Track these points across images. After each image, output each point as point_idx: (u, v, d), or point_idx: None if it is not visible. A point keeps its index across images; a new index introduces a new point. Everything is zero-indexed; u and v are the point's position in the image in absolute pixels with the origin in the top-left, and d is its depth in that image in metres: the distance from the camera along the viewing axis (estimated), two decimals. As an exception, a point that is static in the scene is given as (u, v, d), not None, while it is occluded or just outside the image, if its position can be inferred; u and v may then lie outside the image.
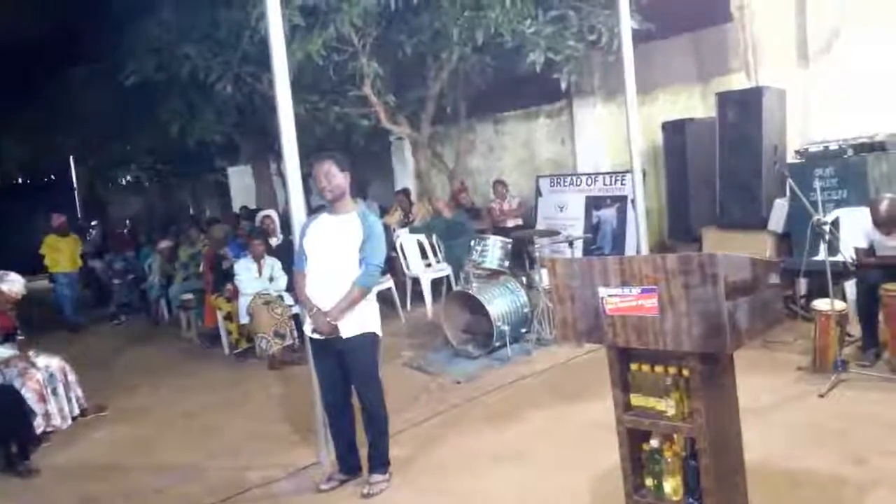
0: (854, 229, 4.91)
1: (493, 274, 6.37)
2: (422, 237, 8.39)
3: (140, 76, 8.27)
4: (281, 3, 4.06)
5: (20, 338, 5.42)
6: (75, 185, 19.95)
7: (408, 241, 8.25)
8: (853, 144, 5.76)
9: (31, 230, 17.44)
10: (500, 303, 5.92)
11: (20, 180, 20.47)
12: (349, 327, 3.63)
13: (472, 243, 6.45)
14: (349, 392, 3.81)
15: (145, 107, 9.68)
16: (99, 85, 10.18)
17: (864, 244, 4.71)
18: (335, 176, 3.67)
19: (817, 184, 4.92)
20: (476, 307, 5.97)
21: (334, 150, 3.99)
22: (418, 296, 7.98)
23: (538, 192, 9.55)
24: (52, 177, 20.41)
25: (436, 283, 7.98)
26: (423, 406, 4.97)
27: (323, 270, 3.67)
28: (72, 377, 5.48)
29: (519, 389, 5.15)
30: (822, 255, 4.66)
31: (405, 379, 5.59)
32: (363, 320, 3.68)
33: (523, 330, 6.09)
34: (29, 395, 4.97)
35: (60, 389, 5.32)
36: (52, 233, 9.64)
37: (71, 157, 18.37)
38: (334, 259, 3.65)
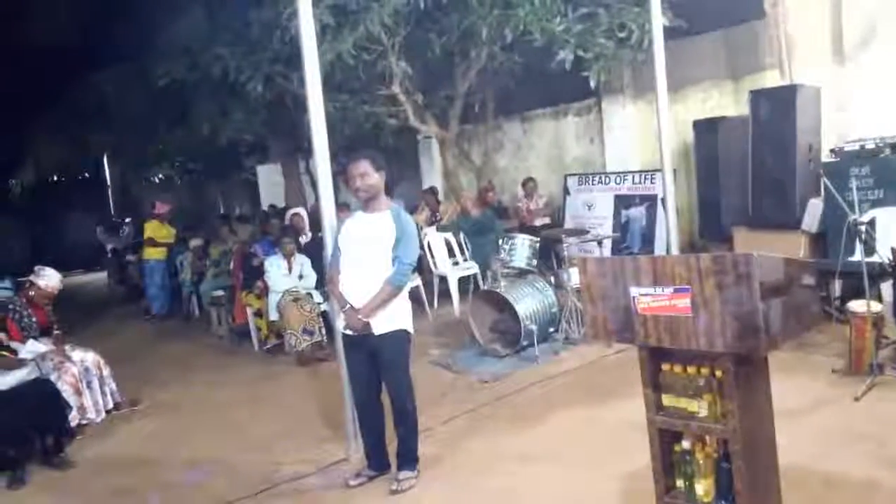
0: (891, 229, 4.81)
1: (521, 273, 6.36)
2: (449, 236, 8.40)
3: (172, 76, 8.39)
4: (312, 3, 4.10)
5: (56, 332, 5.53)
6: (108, 183, 20.33)
7: (435, 239, 8.27)
8: (890, 143, 5.64)
9: (65, 227, 17.91)
10: (528, 302, 5.90)
11: (55, 178, 20.93)
12: (381, 324, 3.65)
13: (500, 242, 6.44)
14: (379, 389, 3.83)
15: (177, 106, 9.84)
16: (132, 85, 10.36)
17: (901, 245, 4.61)
18: (370, 176, 3.67)
19: (853, 183, 4.83)
20: (504, 306, 5.97)
21: (369, 149, 4.00)
22: (445, 294, 7.98)
23: (566, 191, 9.52)
24: (86, 175, 20.82)
25: (463, 282, 7.98)
26: (451, 405, 4.98)
27: (356, 267, 3.69)
28: (106, 371, 5.60)
29: (547, 389, 5.13)
30: (857, 255, 4.57)
31: (433, 377, 5.60)
32: (395, 317, 3.70)
33: (551, 329, 6.07)
34: (65, 389, 5.09)
35: (95, 383, 5.44)
36: (156, 219, 9.87)
37: (104, 156, 18.75)
38: (367, 256, 3.66)
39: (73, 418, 5.09)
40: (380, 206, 3.75)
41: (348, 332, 3.73)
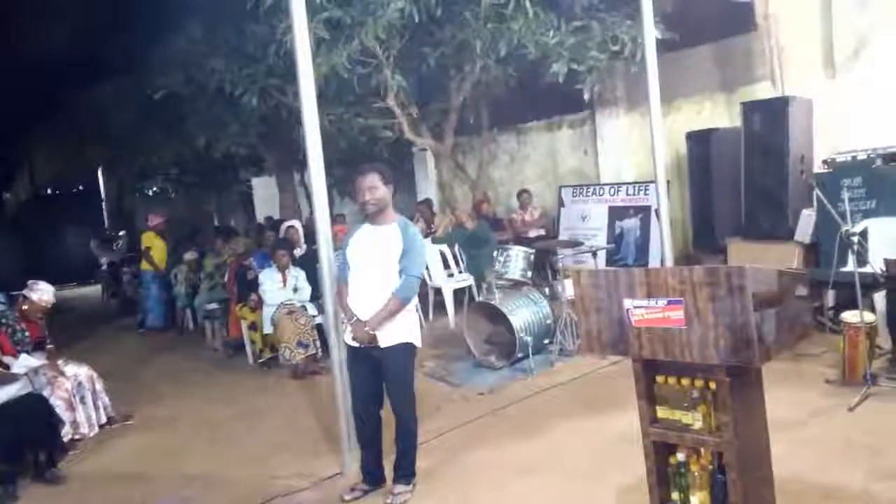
0: (883, 240, 4.83)
1: (516, 284, 6.36)
2: (444, 248, 8.41)
3: (168, 90, 8.41)
4: (307, 17, 4.12)
5: (49, 347, 5.50)
6: (104, 196, 20.29)
7: (430, 251, 8.27)
8: (882, 154, 5.68)
9: (60, 240, 17.86)
10: (523, 313, 5.90)
11: (50, 191, 20.90)
12: (387, 337, 3.65)
13: (495, 254, 6.45)
14: (381, 402, 3.82)
15: (172, 119, 9.85)
16: (127, 98, 10.37)
17: (893, 255, 4.63)
18: (378, 189, 3.67)
19: (845, 194, 4.85)
20: (498, 318, 5.96)
21: (377, 162, 4.01)
22: (440, 306, 7.98)
23: (561, 203, 9.54)
24: (81, 188, 20.79)
25: (458, 294, 7.98)
26: (446, 417, 4.96)
27: (363, 280, 3.69)
28: (99, 386, 5.57)
29: (542, 401, 5.12)
30: (850, 266, 4.59)
31: (428, 390, 5.58)
32: (402, 330, 3.69)
33: (546, 341, 6.06)
34: (57, 404, 5.05)
35: (88, 398, 5.40)
36: (149, 231, 9.90)
37: (99, 169, 18.72)
38: (374, 269, 3.66)
39: (66, 433, 5.05)
40: (387, 219, 3.74)
41: (354, 343, 3.72)
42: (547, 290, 6.45)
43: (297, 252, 7.64)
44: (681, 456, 2.42)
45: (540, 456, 4.14)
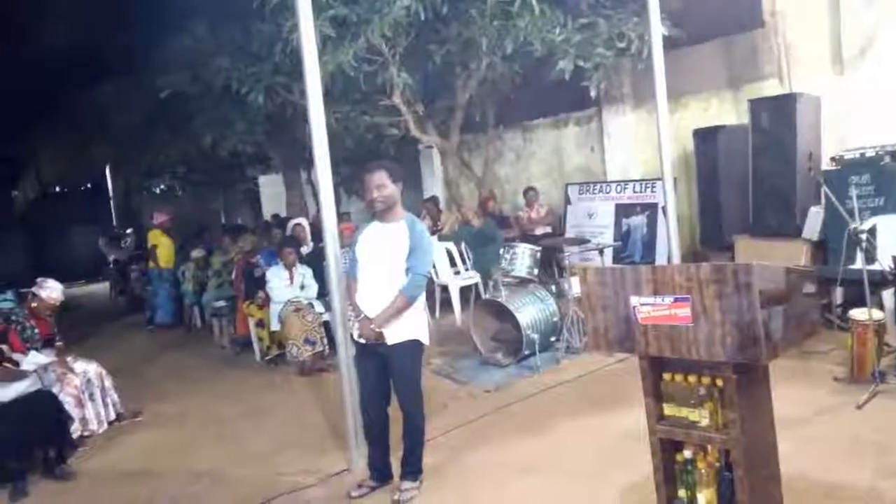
0: (892, 237, 4.81)
1: (522, 282, 6.36)
2: (450, 245, 8.41)
3: (174, 88, 8.45)
4: (313, 15, 4.13)
5: (58, 344, 5.54)
6: (111, 195, 20.37)
7: (437, 248, 8.26)
8: (890, 151, 5.64)
9: (68, 238, 17.95)
10: (530, 311, 5.90)
11: (58, 189, 21.00)
12: (394, 334, 3.65)
13: (501, 251, 6.45)
14: (388, 399, 3.83)
15: (178, 118, 9.88)
16: (134, 96, 10.41)
17: (902, 252, 4.61)
18: (386, 186, 3.68)
19: (853, 191, 4.83)
20: (505, 315, 5.96)
21: (386, 160, 4.01)
22: (447, 303, 7.99)
23: (567, 200, 9.53)
24: (89, 186, 20.88)
25: (464, 291, 7.99)
26: (453, 414, 4.97)
27: (371, 277, 3.70)
28: (108, 382, 5.60)
29: (548, 398, 5.12)
30: (858, 263, 4.57)
31: (434, 387, 5.58)
32: (408, 327, 3.69)
33: (552, 338, 6.06)
34: (67, 400, 5.09)
35: (97, 395, 5.44)
36: (155, 229, 9.93)
37: (107, 167, 18.80)
38: (381, 266, 3.67)
39: (75, 430, 5.09)
40: (395, 217, 3.75)
41: (361, 340, 3.73)
42: (553, 287, 6.46)
43: (304, 250, 7.66)
44: (688, 453, 2.41)
45: (547, 453, 4.14)
